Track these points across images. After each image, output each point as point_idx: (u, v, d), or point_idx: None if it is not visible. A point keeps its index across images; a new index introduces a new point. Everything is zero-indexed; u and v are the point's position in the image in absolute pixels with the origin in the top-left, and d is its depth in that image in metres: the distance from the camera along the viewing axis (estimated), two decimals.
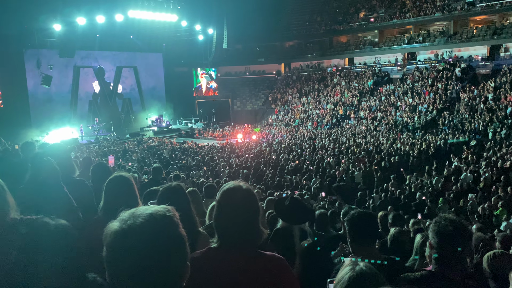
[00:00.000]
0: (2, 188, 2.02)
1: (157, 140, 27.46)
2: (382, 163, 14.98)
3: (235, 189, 1.86)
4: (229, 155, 18.64)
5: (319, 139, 22.87)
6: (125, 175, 2.73)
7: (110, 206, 2.57)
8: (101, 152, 19.87)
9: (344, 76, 36.78)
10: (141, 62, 34.67)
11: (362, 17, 38.38)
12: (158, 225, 1.16)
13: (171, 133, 32.36)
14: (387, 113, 28.36)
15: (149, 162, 15.81)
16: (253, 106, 40.16)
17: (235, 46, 39.99)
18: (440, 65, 30.71)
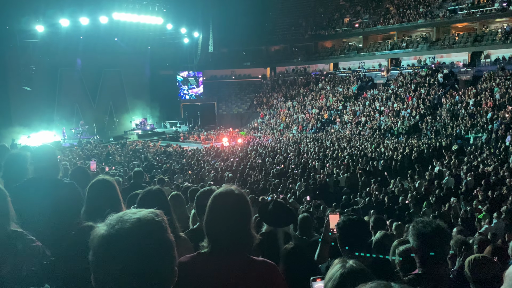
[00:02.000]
0: (5, 198, 1.97)
1: (141, 143, 27.19)
2: (367, 167, 15.11)
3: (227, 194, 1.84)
4: (214, 158, 18.56)
5: (304, 143, 22.96)
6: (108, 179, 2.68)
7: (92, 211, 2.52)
8: (84, 156, 19.58)
9: (329, 81, 37.08)
10: (125, 65, 34.30)
11: (347, 23, 38.80)
12: (146, 230, 1.14)
13: (155, 137, 32.09)
14: (371, 118, 28.66)
15: (133, 165, 15.63)
16: (239, 109, 40.16)
17: (221, 49, 39.99)
18: (423, 71, 31.23)
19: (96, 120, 31.60)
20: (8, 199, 1.98)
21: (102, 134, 30.86)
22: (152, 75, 37.15)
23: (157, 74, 37.42)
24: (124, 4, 28.58)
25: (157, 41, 34.53)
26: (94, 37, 29.43)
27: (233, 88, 41.44)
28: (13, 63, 28.12)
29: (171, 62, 37.81)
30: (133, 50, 33.31)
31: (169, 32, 33.13)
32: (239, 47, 41.25)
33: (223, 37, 38.49)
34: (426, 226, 2.13)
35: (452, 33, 32.77)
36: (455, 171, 13.95)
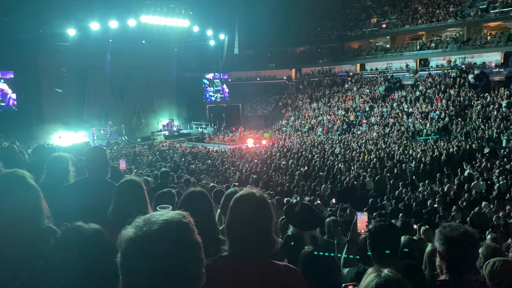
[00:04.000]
0: (37, 194, 2.02)
1: (167, 144, 27.58)
2: (394, 170, 14.83)
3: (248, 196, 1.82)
4: (239, 160, 18.62)
5: (330, 145, 22.75)
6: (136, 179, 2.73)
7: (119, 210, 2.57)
8: (112, 156, 20.00)
9: (356, 82, 36.63)
10: (152, 67, 34.86)
11: (374, 23, 38.24)
12: (174, 231, 1.14)
13: (181, 138, 32.49)
14: (398, 120, 28.13)
15: (159, 166, 15.86)
16: (263, 111, 40.18)
17: (246, 51, 40.11)
18: (452, 72, 30.42)
19: (124, 121, 32.28)
20: (41, 195, 2.03)
21: (130, 135, 31.49)
22: (179, 77, 37.62)
23: (183, 76, 37.88)
24: (152, 7, 29.08)
25: (183, 43, 34.96)
26: (122, 40, 30.07)
27: (258, 89, 41.51)
28: (46, 66, 29.06)
29: (197, 64, 38.21)
30: (160, 53, 33.85)
31: (195, 34, 33.49)
32: (264, 48, 41.29)
33: (249, 39, 38.62)
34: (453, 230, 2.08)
35: (484, 32, 31.78)
36: (486, 175, 13.51)
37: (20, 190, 1.94)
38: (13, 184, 1.96)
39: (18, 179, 2.00)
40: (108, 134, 30.00)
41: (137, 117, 34.49)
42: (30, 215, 1.92)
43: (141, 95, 35.05)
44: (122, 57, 32.05)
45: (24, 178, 2.02)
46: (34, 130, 25.38)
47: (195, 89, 38.67)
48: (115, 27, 27.98)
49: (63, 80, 29.44)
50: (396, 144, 22.12)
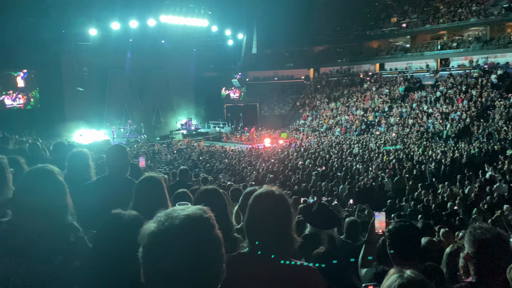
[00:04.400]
0: (64, 191, 2.07)
1: (185, 142, 27.82)
2: (413, 171, 14.63)
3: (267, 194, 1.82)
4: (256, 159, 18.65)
5: (348, 145, 22.57)
6: (156, 176, 2.76)
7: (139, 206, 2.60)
8: (131, 154, 20.28)
9: (375, 81, 36.25)
10: (171, 67, 35.17)
11: (394, 23, 37.75)
12: (196, 226, 1.15)
13: (199, 137, 32.72)
14: (418, 120, 27.72)
15: (177, 164, 16.02)
16: (281, 111, 40.11)
17: (264, 51, 40.09)
18: (474, 72, 29.80)
19: (143, 120, 32.72)
20: (67, 191, 2.07)
21: (149, 134, 31.88)
22: (197, 76, 37.87)
23: (202, 76, 38.13)
24: (172, 7, 29.34)
25: (202, 43, 35.18)
26: (142, 40, 30.46)
27: (275, 89, 41.45)
28: (68, 65, 29.66)
29: (215, 64, 38.40)
30: (179, 52, 34.15)
31: (214, 34, 33.64)
32: (282, 48, 41.20)
33: (267, 39, 38.59)
34: (485, 232, 2.03)
35: (508, 32, 31.03)
36: (509, 177, 13.19)
37: (48, 185, 1.98)
38: (42, 179, 2.00)
39: (47, 174, 2.04)
40: (128, 132, 30.43)
41: (156, 116, 34.89)
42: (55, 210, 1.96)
43: (160, 94, 35.44)
44: (142, 56, 32.47)
45: (53, 173, 2.06)
46: (56, 128, 25.93)
47: (213, 88, 38.88)
48: (135, 27, 28.34)
49: (85, 79, 30.00)
50: (416, 145, 21.81)
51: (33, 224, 1.87)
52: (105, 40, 28.77)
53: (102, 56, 30.45)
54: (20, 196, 1.97)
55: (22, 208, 1.93)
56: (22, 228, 1.87)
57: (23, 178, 2.07)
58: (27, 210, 1.91)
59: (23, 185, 2.02)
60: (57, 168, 2.11)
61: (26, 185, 2.00)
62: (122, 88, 33.35)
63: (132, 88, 34.11)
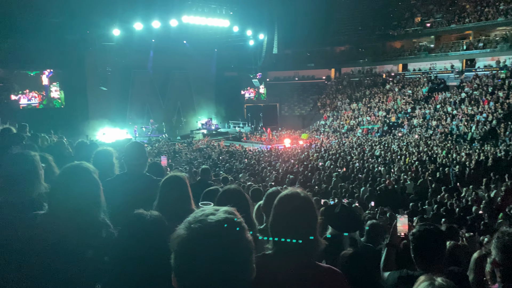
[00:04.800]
0: (98, 188, 2.11)
1: (205, 141, 28.01)
2: (437, 173, 14.34)
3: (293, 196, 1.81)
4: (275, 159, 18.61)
5: (369, 147, 22.29)
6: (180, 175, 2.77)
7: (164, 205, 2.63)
8: (153, 153, 20.54)
9: (397, 82, 35.70)
10: (192, 67, 35.48)
11: (418, 22, 37.09)
12: (228, 230, 1.14)
13: (219, 136, 32.89)
14: (442, 122, 27.16)
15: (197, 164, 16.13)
16: (301, 111, 39.94)
17: (285, 51, 40.01)
18: (501, 73, 28.99)
19: (165, 119, 33.12)
20: (101, 189, 2.12)
21: (170, 133, 32.24)
22: (218, 76, 38.09)
23: (222, 76, 38.33)
24: (194, 7, 29.57)
25: (223, 43, 35.34)
26: (164, 40, 30.84)
27: (296, 89, 41.31)
28: (92, 65, 30.24)
29: (236, 64, 38.54)
30: (200, 52, 34.40)
31: (235, 34, 33.75)
32: (303, 48, 41.03)
33: (288, 39, 38.49)
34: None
35: None
36: None
37: (84, 183, 2.04)
38: (78, 176, 2.06)
39: (84, 171, 2.09)
40: (150, 131, 30.85)
41: (177, 116, 35.25)
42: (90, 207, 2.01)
43: (181, 94, 35.82)
44: (164, 56, 32.87)
45: (89, 171, 2.11)
46: (80, 126, 26.49)
47: (233, 88, 39.05)
48: (158, 27, 28.69)
49: (108, 78, 30.54)
50: (439, 147, 21.37)
51: (68, 219, 1.93)
52: (128, 41, 29.24)
53: (125, 56, 30.97)
54: (56, 192, 2.03)
55: (58, 203, 1.99)
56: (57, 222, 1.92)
57: (61, 174, 2.14)
58: (63, 205, 1.96)
59: (60, 181, 2.08)
60: (92, 166, 2.16)
61: (63, 181, 2.06)
62: (145, 87, 33.84)
63: (154, 87, 34.57)
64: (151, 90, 34.42)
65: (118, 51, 30.25)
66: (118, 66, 31.26)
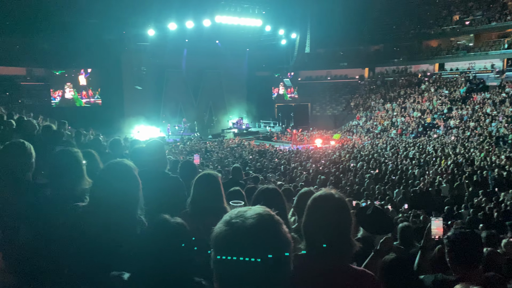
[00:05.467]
0: (138, 186, 2.16)
1: (236, 140, 28.19)
2: (474, 177, 13.83)
3: (327, 197, 1.80)
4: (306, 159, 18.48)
5: (404, 148, 21.79)
6: (213, 174, 2.81)
7: (197, 202, 2.68)
8: (185, 152, 20.87)
9: (433, 82, 34.69)
10: (225, 66, 35.78)
11: (456, 20, 35.88)
12: (269, 226, 1.13)
13: (250, 136, 33.00)
14: (480, 123, 26.18)
15: (227, 162, 16.26)
16: (333, 111, 39.47)
17: (317, 50, 39.65)
18: None
19: (197, 118, 33.59)
20: (140, 187, 2.16)
21: (202, 132, 32.65)
22: (249, 76, 38.24)
23: (254, 75, 38.44)
24: (227, 7, 29.82)
25: (255, 42, 35.47)
26: (197, 40, 31.26)
27: (328, 89, 40.82)
28: (127, 64, 31.08)
29: (267, 63, 38.56)
30: (232, 52, 34.64)
31: (267, 33, 33.78)
32: (336, 47, 40.49)
33: (320, 37, 38.11)
34: None
35: None
36: None
37: (125, 179, 2.09)
38: (120, 173, 2.11)
39: (125, 168, 2.14)
40: (182, 130, 31.36)
41: (209, 115, 35.67)
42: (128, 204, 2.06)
43: (213, 93, 36.22)
44: (197, 56, 33.33)
45: (131, 168, 2.16)
46: (116, 124, 27.27)
47: (265, 88, 39.09)
48: (191, 27, 29.10)
49: (143, 78, 31.27)
50: (477, 149, 20.62)
51: (107, 214, 1.99)
52: (163, 41, 29.84)
53: (159, 56, 31.63)
54: (98, 186, 2.11)
55: (99, 197, 2.06)
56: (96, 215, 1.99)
57: (103, 170, 2.20)
58: (103, 200, 2.03)
59: (103, 176, 2.15)
60: (133, 164, 2.21)
61: (105, 177, 2.12)
62: (178, 87, 34.46)
63: (187, 87, 35.13)
64: (184, 89, 35.00)
65: (153, 51, 30.94)
66: (152, 66, 31.97)
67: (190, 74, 34.75)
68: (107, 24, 27.20)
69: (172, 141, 27.77)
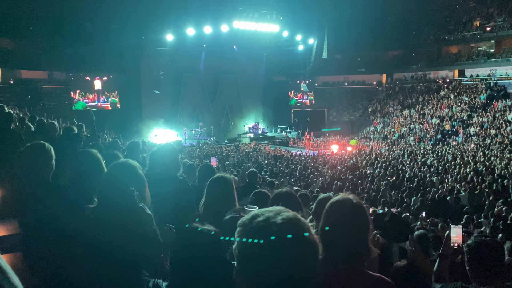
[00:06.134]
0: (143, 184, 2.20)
1: (253, 144, 28.21)
2: (494, 185, 13.53)
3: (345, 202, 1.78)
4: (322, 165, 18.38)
5: (422, 155, 21.47)
6: (227, 177, 2.82)
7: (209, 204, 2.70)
8: (201, 155, 20.98)
9: (453, 89, 34.15)
10: (241, 71, 35.93)
11: (477, 26, 35.30)
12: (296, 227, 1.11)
13: (266, 140, 32.99)
14: (501, 131, 25.64)
15: (243, 167, 16.28)
16: (350, 117, 39.19)
17: (335, 55, 39.51)
18: None
19: (213, 123, 33.76)
20: (146, 185, 2.21)
21: (218, 136, 32.80)
22: (266, 81, 38.30)
23: (271, 80, 38.49)
24: (244, 13, 29.99)
25: (272, 48, 35.54)
26: (215, 45, 31.50)
27: (345, 94, 40.58)
28: (146, 69, 31.51)
29: (284, 69, 38.57)
30: (249, 57, 34.80)
31: (284, 39, 33.82)
32: (354, 53, 40.28)
33: (338, 43, 37.98)
34: None
35: None
36: None
37: (129, 179, 2.13)
38: (124, 172, 2.15)
39: (129, 168, 2.19)
40: (199, 134, 31.56)
41: (225, 119, 35.81)
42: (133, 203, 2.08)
43: (230, 98, 36.39)
44: (214, 61, 33.58)
45: (135, 168, 2.21)
46: (134, 127, 27.61)
47: (281, 93, 39.09)
48: (209, 32, 29.34)
49: (161, 82, 31.63)
50: (498, 157, 20.17)
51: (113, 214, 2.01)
52: (181, 46, 30.17)
53: (177, 61, 32.00)
54: (104, 187, 2.15)
55: (105, 198, 2.10)
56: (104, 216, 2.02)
57: (108, 172, 2.25)
58: (109, 200, 2.07)
59: (107, 177, 2.19)
60: (137, 163, 2.25)
61: (109, 178, 2.17)
62: (195, 91, 34.75)
63: (204, 91, 35.40)
64: (201, 93, 35.27)
65: (171, 56, 31.30)
66: (170, 70, 32.32)
67: (207, 79, 35.03)
68: (127, 30, 27.67)
69: (189, 145, 27.97)
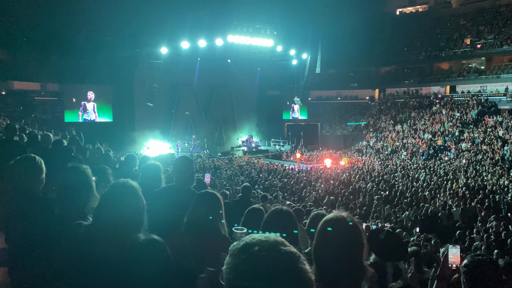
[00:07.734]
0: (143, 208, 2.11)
1: (246, 158, 28.14)
2: (486, 201, 13.59)
3: (338, 220, 1.73)
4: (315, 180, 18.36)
5: (414, 170, 21.55)
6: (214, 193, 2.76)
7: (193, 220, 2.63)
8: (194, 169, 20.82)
9: (445, 104, 34.52)
10: (236, 85, 36.11)
11: (468, 44, 35.89)
12: (288, 265, 1.08)
13: (259, 154, 32.96)
14: (492, 147, 25.87)
15: (237, 180, 16.20)
16: (343, 131, 39.38)
17: (328, 70, 39.90)
18: None
19: (207, 136, 33.70)
20: (145, 208, 2.12)
21: (211, 149, 32.72)
22: (260, 94, 38.47)
23: (265, 94, 38.67)
24: (239, 27, 30.22)
25: (266, 62, 35.78)
26: (209, 59, 31.66)
27: (338, 109, 40.85)
28: (140, 81, 31.48)
29: (278, 83, 38.80)
30: (243, 71, 35.00)
31: (278, 53, 34.09)
32: (347, 68, 40.70)
33: (331, 58, 38.41)
34: None
35: None
36: None
37: (129, 201, 2.05)
38: (124, 194, 2.07)
39: (130, 190, 2.10)
40: (192, 147, 31.44)
41: (219, 132, 35.78)
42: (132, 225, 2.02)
43: (223, 111, 36.46)
44: (208, 74, 33.70)
45: (135, 190, 2.11)
46: (126, 140, 27.44)
47: (275, 107, 39.25)
48: (203, 46, 29.50)
49: (154, 95, 31.60)
50: (489, 173, 20.31)
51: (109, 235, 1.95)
52: (175, 59, 30.26)
53: (171, 74, 32.04)
54: (102, 207, 2.08)
55: (102, 218, 2.02)
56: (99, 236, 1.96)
57: (107, 191, 2.16)
58: (106, 222, 1.99)
59: (106, 197, 2.11)
60: (137, 184, 2.17)
61: (109, 199, 2.09)
62: (189, 104, 34.77)
63: (198, 104, 35.42)
64: (195, 107, 35.27)
65: (165, 69, 31.35)
66: (164, 83, 32.32)
67: (201, 92, 35.11)
68: (121, 42, 27.72)
69: None
